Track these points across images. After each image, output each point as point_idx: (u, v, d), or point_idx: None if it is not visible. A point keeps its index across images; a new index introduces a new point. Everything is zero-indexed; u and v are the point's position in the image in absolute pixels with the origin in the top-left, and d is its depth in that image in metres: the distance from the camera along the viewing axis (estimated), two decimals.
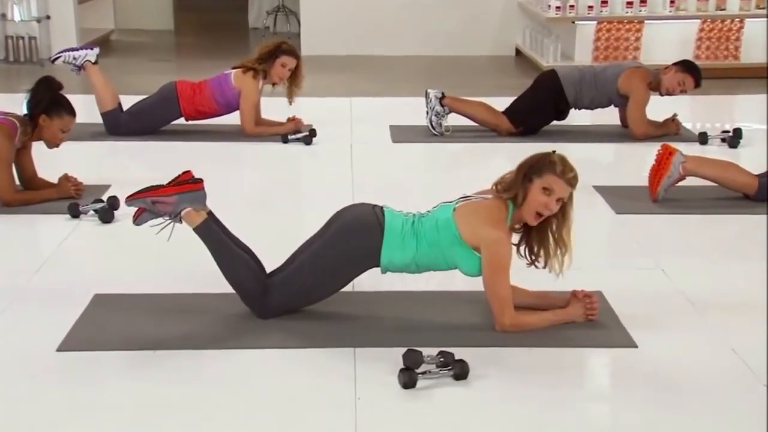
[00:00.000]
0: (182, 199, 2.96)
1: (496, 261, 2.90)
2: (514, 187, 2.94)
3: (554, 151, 2.98)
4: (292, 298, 3.03)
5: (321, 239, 3.03)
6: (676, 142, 5.02)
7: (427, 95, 5.61)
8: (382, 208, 3.07)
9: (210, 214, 3.04)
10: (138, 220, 3.01)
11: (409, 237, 2.97)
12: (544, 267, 3.01)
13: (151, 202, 2.95)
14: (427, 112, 5.59)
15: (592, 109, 5.62)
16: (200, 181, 3.02)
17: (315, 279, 2.99)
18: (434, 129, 5.60)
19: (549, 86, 5.53)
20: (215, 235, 3.01)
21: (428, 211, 3.08)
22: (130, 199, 2.98)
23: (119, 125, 5.48)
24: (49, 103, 4.14)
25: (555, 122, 5.69)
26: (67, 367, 2.80)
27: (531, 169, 2.93)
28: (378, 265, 3.01)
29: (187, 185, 2.97)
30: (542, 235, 2.99)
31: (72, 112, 4.20)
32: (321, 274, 2.99)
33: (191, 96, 5.43)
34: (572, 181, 2.93)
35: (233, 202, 4.44)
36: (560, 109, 5.58)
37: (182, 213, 2.96)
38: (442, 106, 5.57)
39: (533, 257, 3.04)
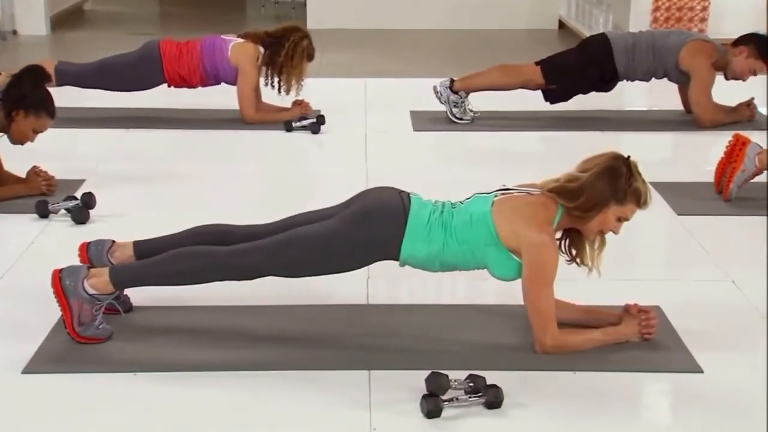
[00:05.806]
0: (71, 292, 2.98)
1: (539, 268, 2.92)
2: (579, 200, 2.93)
3: (629, 157, 2.99)
4: (278, 267, 3.04)
5: (337, 218, 3.06)
6: (749, 130, 5.00)
7: (436, 92, 5.67)
8: (408, 194, 3.11)
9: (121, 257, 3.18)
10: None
11: (436, 229, 3.00)
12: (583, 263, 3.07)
13: (80, 322, 2.98)
14: (444, 105, 5.66)
15: (647, 80, 5.64)
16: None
17: (317, 257, 3.01)
18: (459, 120, 5.64)
19: (597, 52, 5.59)
20: (139, 276, 3.06)
21: (460, 202, 3.10)
22: (83, 340, 3.01)
23: (73, 76, 5.45)
24: (30, 97, 4.14)
25: (603, 105, 5.68)
26: (35, 393, 2.81)
27: (613, 192, 2.93)
28: (395, 258, 3.04)
29: (56, 281, 3.00)
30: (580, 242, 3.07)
31: (52, 115, 4.20)
32: (326, 255, 3.01)
33: (177, 57, 5.43)
34: (645, 207, 3.01)
35: (228, 201, 4.47)
36: (606, 78, 5.61)
37: (90, 291, 2.99)
38: (456, 92, 5.61)
39: (572, 254, 3.09)
